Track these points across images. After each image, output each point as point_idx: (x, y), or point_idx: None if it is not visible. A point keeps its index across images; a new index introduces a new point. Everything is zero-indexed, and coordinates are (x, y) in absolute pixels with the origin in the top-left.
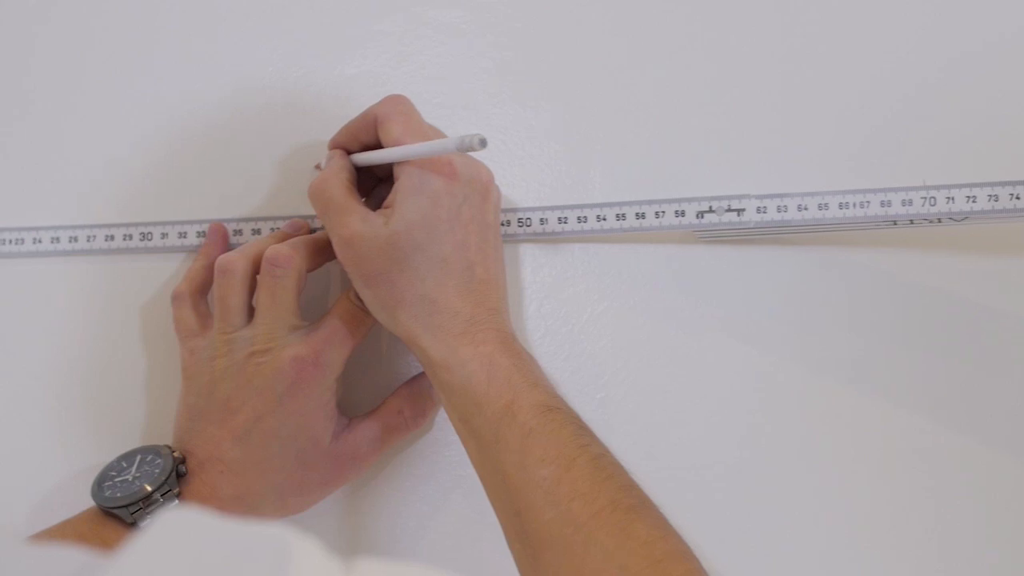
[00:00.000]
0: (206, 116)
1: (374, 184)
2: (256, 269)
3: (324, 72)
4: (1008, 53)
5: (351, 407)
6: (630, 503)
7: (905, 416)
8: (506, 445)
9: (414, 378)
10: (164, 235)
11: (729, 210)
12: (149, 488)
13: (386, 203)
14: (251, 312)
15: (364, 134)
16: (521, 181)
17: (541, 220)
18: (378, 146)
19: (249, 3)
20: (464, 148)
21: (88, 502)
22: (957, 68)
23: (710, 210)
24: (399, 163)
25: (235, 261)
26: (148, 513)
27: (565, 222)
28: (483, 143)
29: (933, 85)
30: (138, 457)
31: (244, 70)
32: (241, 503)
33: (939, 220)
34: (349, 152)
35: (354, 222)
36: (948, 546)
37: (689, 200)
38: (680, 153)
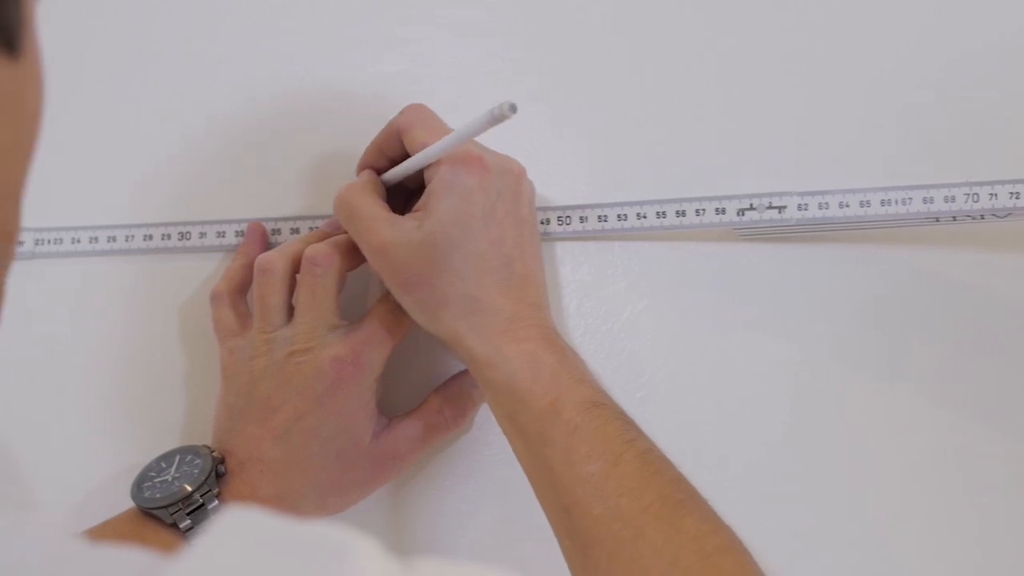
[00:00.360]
0: (245, 116)
1: (407, 199)
2: (295, 268)
3: (363, 71)
4: None
5: (391, 407)
6: (679, 497)
7: (948, 416)
8: (552, 442)
9: (454, 377)
10: (203, 234)
11: (770, 207)
12: (189, 488)
13: (416, 206)
14: (290, 312)
15: (389, 147)
16: (559, 180)
17: (581, 218)
18: (404, 158)
19: (283, 5)
20: (496, 119)
21: (128, 502)
22: (1002, 63)
23: (751, 207)
24: (428, 167)
25: (274, 260)
26: (188, 514)
27: (605, 220)
28: (513, 108)
29: (978, 80)
30: (177, 457)
31: (283, 71)
32: (281, 503)
33: (982, 217)
34: (379, 171)
35: (383, 229)
36: (983, 545)
37: (730, 198)
38: (720, 150)
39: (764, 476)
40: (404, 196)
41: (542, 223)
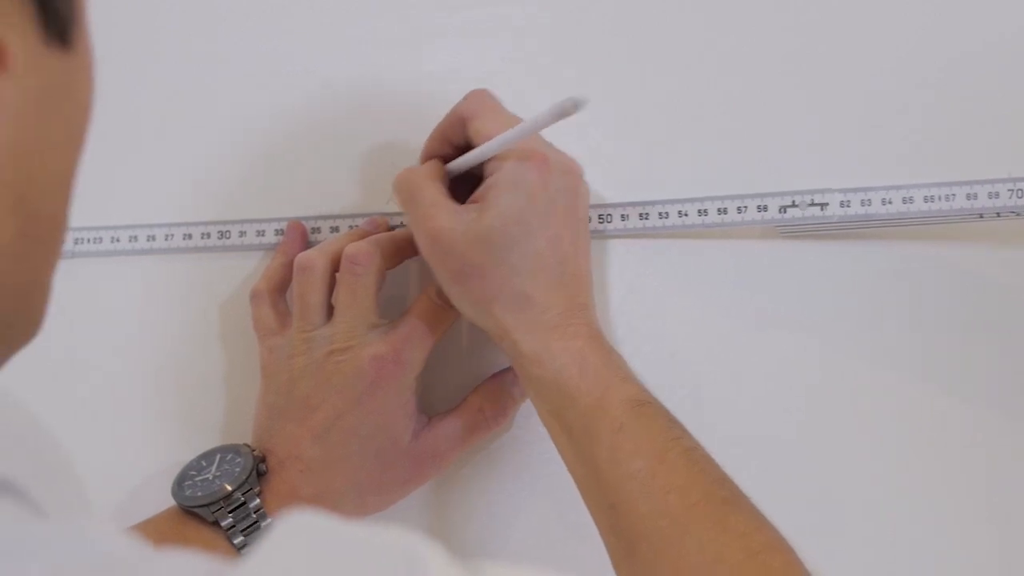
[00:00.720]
0: (284, 115)
1: (468, 187)
2: (335, 267)
3: (402, 69)
4: None
5: (430, 405)
6: (724, 495)
7: (992, 415)
8: (598, 439)
9: (494, 376)
10: (242, 233)
11: (812, 204)
12: (230, 488)
13: (475, 196)
14: (330, 310)
15: (454, 135)
16: (600, 177)
17: (622, 216)
18: (468, 146)
19: (323, 2)
20: (561, 114)
21: (168, 501)
22: None
23: (793, 204)
24: (491, 159)
25: (314, 259)
26: (229, 512)
27: (646, 218)
28: (578, 104)
29: (1019, 75)
30: (217, 456)
31: (323, 69)
32: (320, 502)
33: None
34: (444, 158)
35: (442, 216)
36: (1006, 547)
37: (772, 195)
38: (761, 147)
39: (814, 478)
40: (466, 185)
41: None
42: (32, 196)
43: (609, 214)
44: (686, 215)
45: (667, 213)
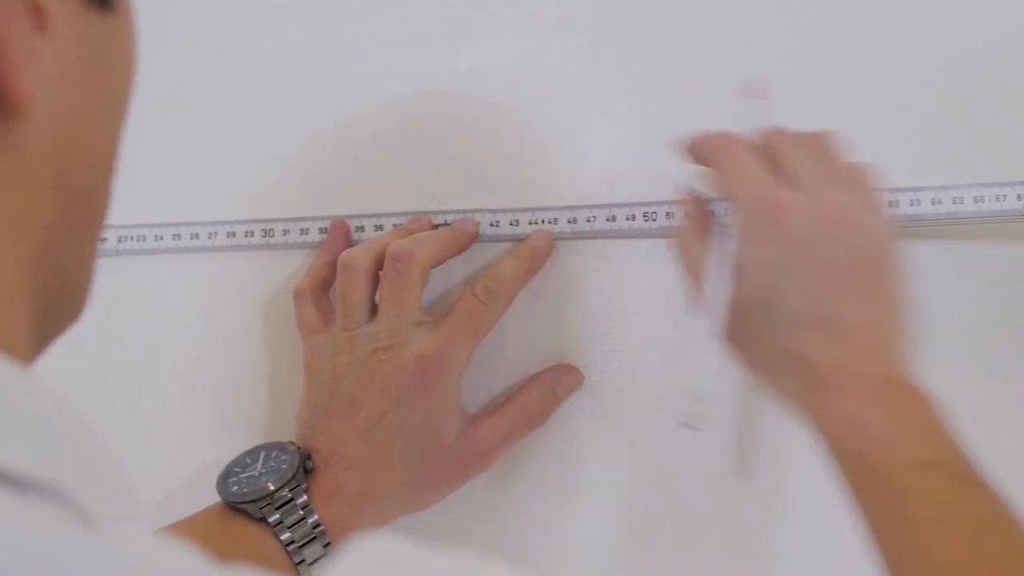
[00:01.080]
0: (329, 115)
1: None
2: (379, 265)
3: (442, 66)
4: None
5: (474, 403)
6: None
7: None
8: (892, 504)
9: (539, 374)
10: (286, 231)
11: None
12: (277, 484)
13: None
14: (374, 309)
15: None
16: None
17: (667, 214)
18: None
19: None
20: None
21: (210, 499)
22: None
23: None
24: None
25: (358, 257)
26: (277, 508)
27: (671, 217)
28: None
29: None
30: (262, 453)
31: (367, 68)
32: (365, 499)
33: None
34: None
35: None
36: None
37: None
38: None
39: None
40: None
41: (667, 215)
42: (73, 170)
43: (654, 212)
44: None
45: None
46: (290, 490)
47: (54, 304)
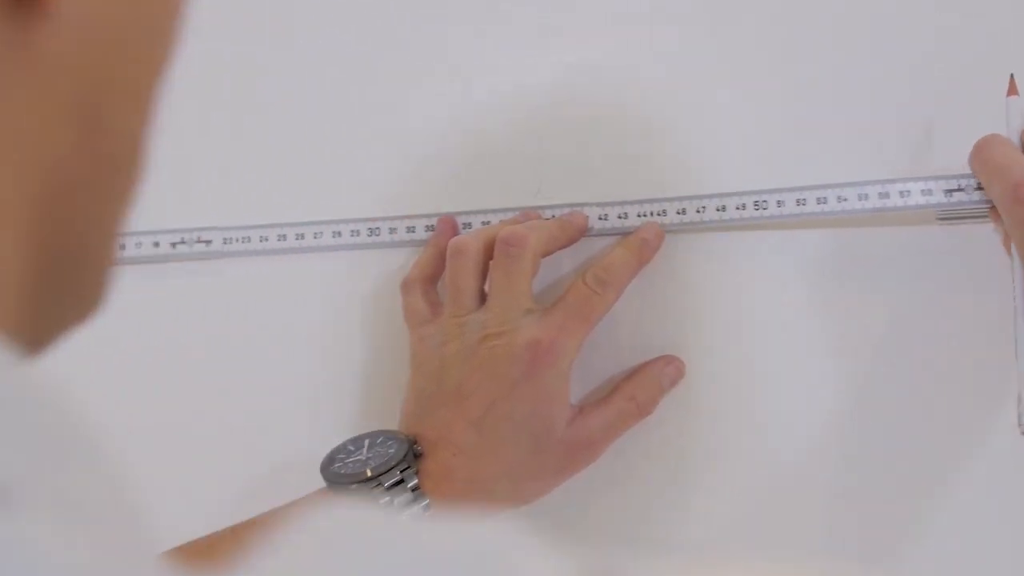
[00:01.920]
0: (434, 113)
1: None
2: (489, 254)
3: (547, 62)
4: None
5: (573, 395)
6: None
7: None
8: None
9: (645, 364)
10: (392, 230)
11: (979, 187)
12: (385, 467)
13: None
14: (483, 297)
15: None
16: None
17: (778, 203)
18: None
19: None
20: None
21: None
22: None
23: (959, 188)
24: None
25: (468, 242)
26: (387, 490)
27: (782, 205)
28: None
29: None
30: (366, 440)
31: (471, 66)
32: (475, 487)
33: None
34: None
35: None
36: None
37: (937, 178)
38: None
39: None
40: None
41: (738, 208)
42: (99, 100)
43: (764, 201)
44: (845, 200)
45: (804, 200)
46: (401, 471)
47: (59, 274)
